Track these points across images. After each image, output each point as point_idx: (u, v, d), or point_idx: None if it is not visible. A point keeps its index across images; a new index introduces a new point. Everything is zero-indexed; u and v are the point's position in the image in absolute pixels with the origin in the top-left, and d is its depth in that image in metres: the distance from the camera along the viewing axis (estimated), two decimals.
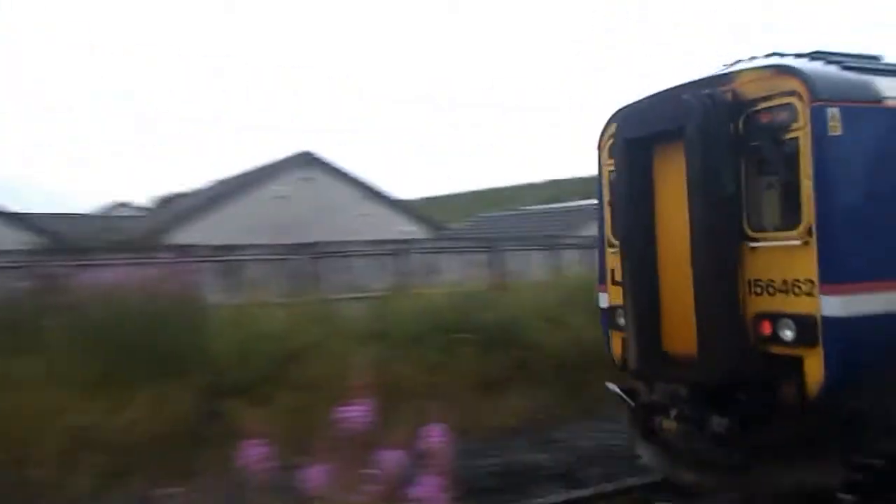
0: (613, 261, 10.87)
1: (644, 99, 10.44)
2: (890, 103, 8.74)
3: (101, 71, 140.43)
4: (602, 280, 11.37)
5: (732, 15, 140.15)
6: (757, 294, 8.88)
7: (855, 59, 9.56)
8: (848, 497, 8.72)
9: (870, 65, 9.47)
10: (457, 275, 21.57)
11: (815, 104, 8.44)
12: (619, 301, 10.51)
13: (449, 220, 50.17)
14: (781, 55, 9.83)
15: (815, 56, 9.53)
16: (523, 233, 31.21)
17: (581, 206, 41.03)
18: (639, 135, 9.93)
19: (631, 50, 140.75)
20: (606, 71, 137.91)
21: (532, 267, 24.28)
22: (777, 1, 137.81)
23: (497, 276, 22.55)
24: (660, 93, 10.15)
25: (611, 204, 11.05)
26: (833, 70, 9.07)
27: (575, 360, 16.71)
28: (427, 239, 29.08)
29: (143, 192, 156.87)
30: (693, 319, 9.11)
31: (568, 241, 26.88)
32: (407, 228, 33.11)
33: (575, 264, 24.05)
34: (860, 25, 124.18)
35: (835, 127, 8.44)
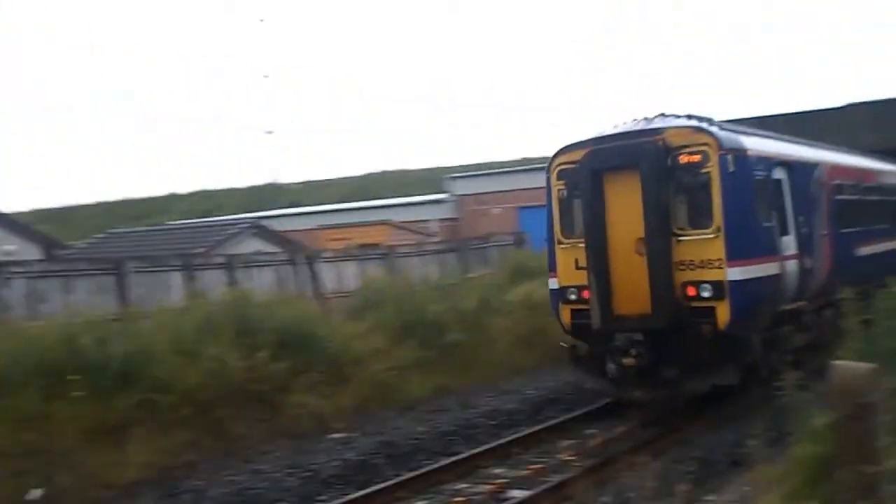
0: (562, 254, 16.05)
1: (589, 140, 15.72)
2: (750, 153, 15.20)
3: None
4: (552, 269, 16.25)
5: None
6: (681, 270, 14.45)
7: (729, 123, 16.38)
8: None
9: (736, 127, 16.20)
10: (75, 303, 18.57)
11: (721, 152, 14.53)
12: (568, 282, 15.83)
13: (71, 237, 45.96)
14: (665, 116, 15.69)
15: (689, 117, 15.66)
16: (161, 251, 28.07)
17: (233, 220, 38.75)
18: (599, 167, 15.16)
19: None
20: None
21: (170, 291, 21.64)
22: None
23: (124, 304, 19.77)
24: (605, 137, 15.57)
25: (559, 212, 16.14)
26: (725, 132, 15.17)
27: (215, 395, 15.17)
28: (34, 260, 24.74)
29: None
30: (641, 289, 14.55)
31: (215, 260, 24.46)
32: (6, 248, 29.13)
33: (221, 286, 21.66)
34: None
35: (731, 166, 14.51)
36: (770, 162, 15.95)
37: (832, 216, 18.47)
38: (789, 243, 15.92)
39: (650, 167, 14.52)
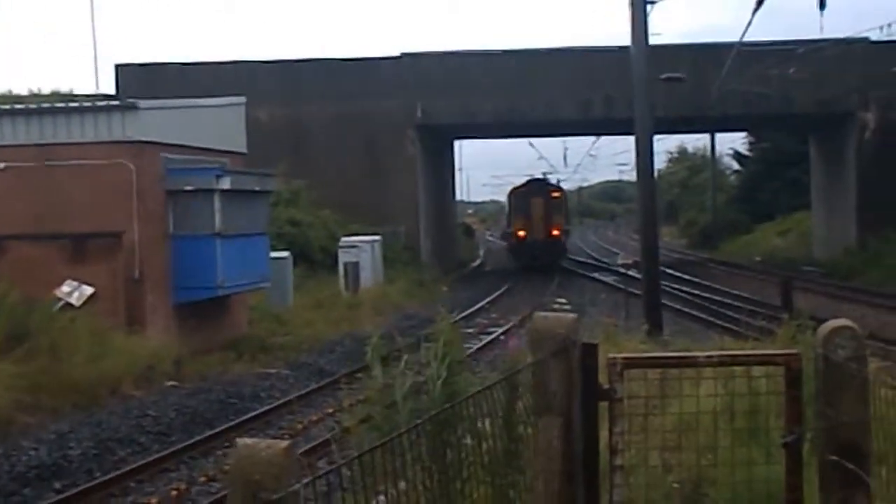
0: (513, 228, 58.09)
1: (521, 186, 60.85)
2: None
3: None
4: (510, 235, 60.92)
5: None
6: None
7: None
8: None
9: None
10: None
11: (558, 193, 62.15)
12: (512, 237, 59.24)
13: None
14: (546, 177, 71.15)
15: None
16: None
17: None
18: (526, 192, 58.49)
19: None
20: None
21: None
22: None
23: None
24: (530, 185, 60.86)
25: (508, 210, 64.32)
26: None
27: None
28: None
29: None
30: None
31: None
32: None
33: None
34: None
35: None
36: None
37: None
38: None
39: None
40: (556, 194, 59.13)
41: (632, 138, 24.20)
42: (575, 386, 4.85)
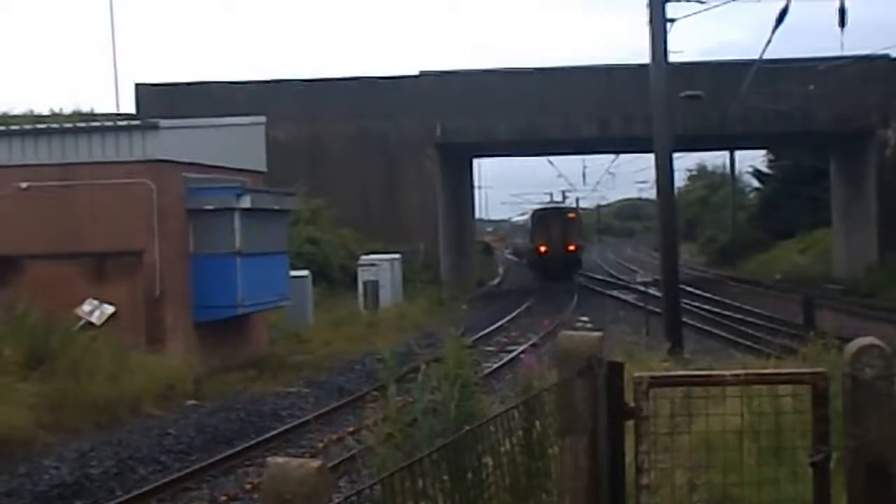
0: (535, 244, 65.59)
1: (541, 209, 70.94)
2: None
3: None
4: (532, 251, 67.58)
5: None
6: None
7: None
8: None
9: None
10: None
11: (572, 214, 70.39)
12: (533, 252, 66.56)
13: None
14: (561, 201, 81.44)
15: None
16: None
17: None
18: (546, 215, 67.53)
19: None
20: None
21: None
22: None
23: None
24: (548, 208, 71.17)
25: (530, 228, 69.58)
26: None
27: None
28: None
29: None
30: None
31: None
32: None
33: None
34: None
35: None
36: None
37: None
38: None
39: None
40: (571, 215, 69.07)
41: (651, 156, 24.15)
42: (600, 404, 4.84)
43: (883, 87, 45.16)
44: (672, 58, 23.46)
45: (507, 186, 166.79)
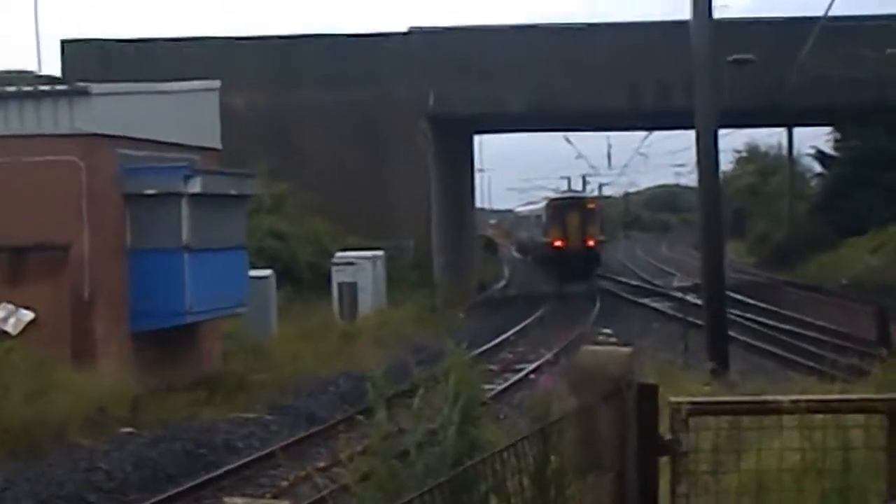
0: (550, 238, 63.79)
1: (558, 198, 68.37)
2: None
3: None
4: (544, 245, 66.09)
5: None
6: None
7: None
8: None
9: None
10: None
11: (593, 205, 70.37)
12: (549, 246, 64.48)
13: None
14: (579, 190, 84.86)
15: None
16: None
17: None
18: (563, 205, 64.98)
19: None
20: None
21: None
22: None
23: None
24: (565, 198, 68.16)
25: (545, 220, 66.72)
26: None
27: None
28: None
29: None
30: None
31: None
32: None
33: None
34: None
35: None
36: None
37: None
38: None
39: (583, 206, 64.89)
40: (592, 206, 68.55)
41: (691, 133, 24.18)
42: (629, 436, 4.84)
43: None
44: (717, 13, 23.49)
45: (516, 169, 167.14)
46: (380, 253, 39.41)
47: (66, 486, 15.84)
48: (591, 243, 64.85)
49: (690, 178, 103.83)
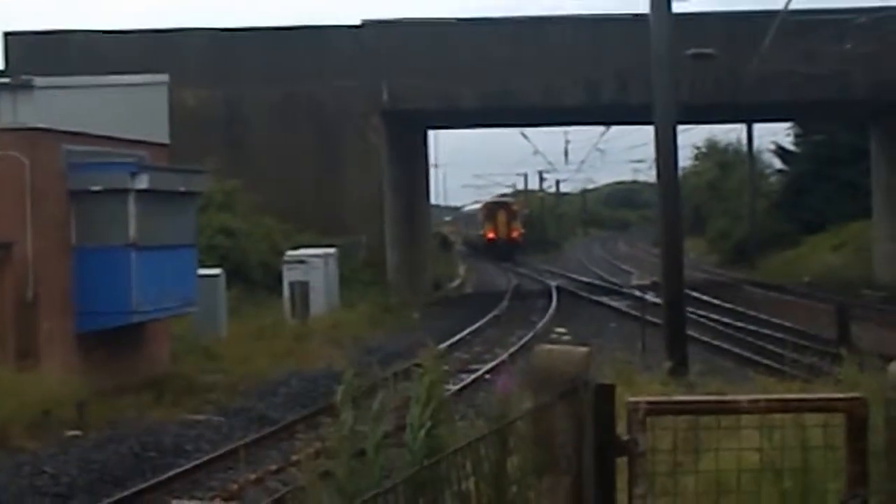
0: (485, 231, 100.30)
1: (490, 201, 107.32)
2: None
3: None
4: (483, 234, 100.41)
5: None
6: None
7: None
8: None
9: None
10: None
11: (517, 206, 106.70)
12: (485, 237, 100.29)
13: None
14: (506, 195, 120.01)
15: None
16: None
17: None
18: (494, 206, 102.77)
19: None
20: None
21: None
22: None
23: None
24: (496, 201, 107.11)
25: (481, 218, 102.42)
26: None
27: None
28: None
29: None
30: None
31: None
32: None
33: None
34: None
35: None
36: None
37: None
38: None
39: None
40: (515, 207, 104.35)
41: (650, 129, 24.26)
42: (586, 437, 4.86)
43: None
44: (677, 7, 23.59)
45: (470, 165, 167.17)
46: (332, 251, 39.36)
47: (9, 490, 15.75)
48: (514, 235, 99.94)
49: (649, 175, 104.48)
